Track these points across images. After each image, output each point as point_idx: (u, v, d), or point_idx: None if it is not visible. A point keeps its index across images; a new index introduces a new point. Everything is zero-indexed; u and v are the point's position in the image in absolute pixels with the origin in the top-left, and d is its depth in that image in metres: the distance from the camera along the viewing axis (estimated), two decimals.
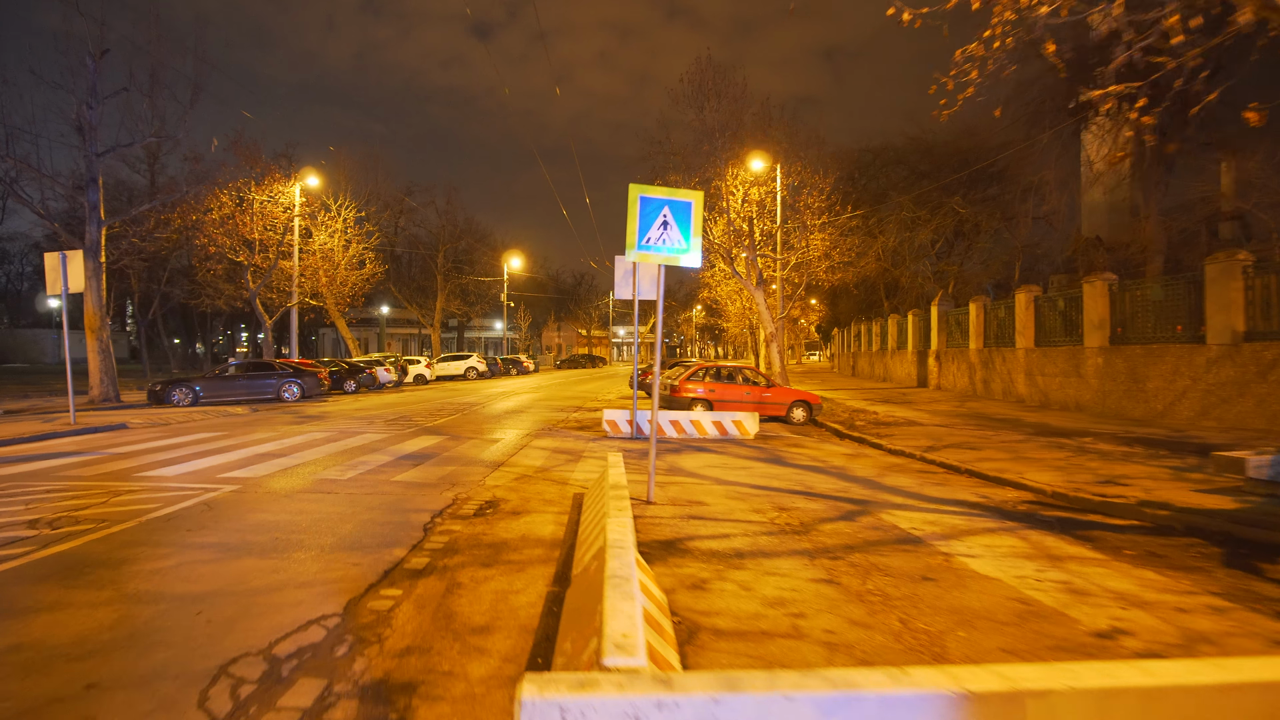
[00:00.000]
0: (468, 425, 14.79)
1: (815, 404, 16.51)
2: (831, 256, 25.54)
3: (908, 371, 30.70)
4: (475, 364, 41.61)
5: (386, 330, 70.16)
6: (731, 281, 42.93)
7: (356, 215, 34.04)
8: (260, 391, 22.23)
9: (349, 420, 15.54)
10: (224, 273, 31.61)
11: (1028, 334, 20.14)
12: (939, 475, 9.66)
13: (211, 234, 27.47)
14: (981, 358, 23.12)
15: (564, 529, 6.18)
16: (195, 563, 4.84)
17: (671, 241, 7.30)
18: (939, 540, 6.14)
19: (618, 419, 13.17)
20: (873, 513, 7.20)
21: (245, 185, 28.51)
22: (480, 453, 10.71)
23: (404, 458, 9.95)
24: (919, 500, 7.91)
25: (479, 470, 9.03)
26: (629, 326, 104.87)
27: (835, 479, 9.13)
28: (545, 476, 8.72)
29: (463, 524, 6.16)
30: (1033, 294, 20.13)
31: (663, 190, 7.30)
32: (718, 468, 9.81)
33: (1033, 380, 19.75)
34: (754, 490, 8.16)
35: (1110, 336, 16.68)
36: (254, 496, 7.08)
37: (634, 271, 12.85)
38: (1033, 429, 13.78)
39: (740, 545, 5.79)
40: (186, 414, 16.79)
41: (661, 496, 7.60)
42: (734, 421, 13.36)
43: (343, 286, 32.34)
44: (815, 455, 11.34)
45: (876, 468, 10.18)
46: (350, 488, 7.62)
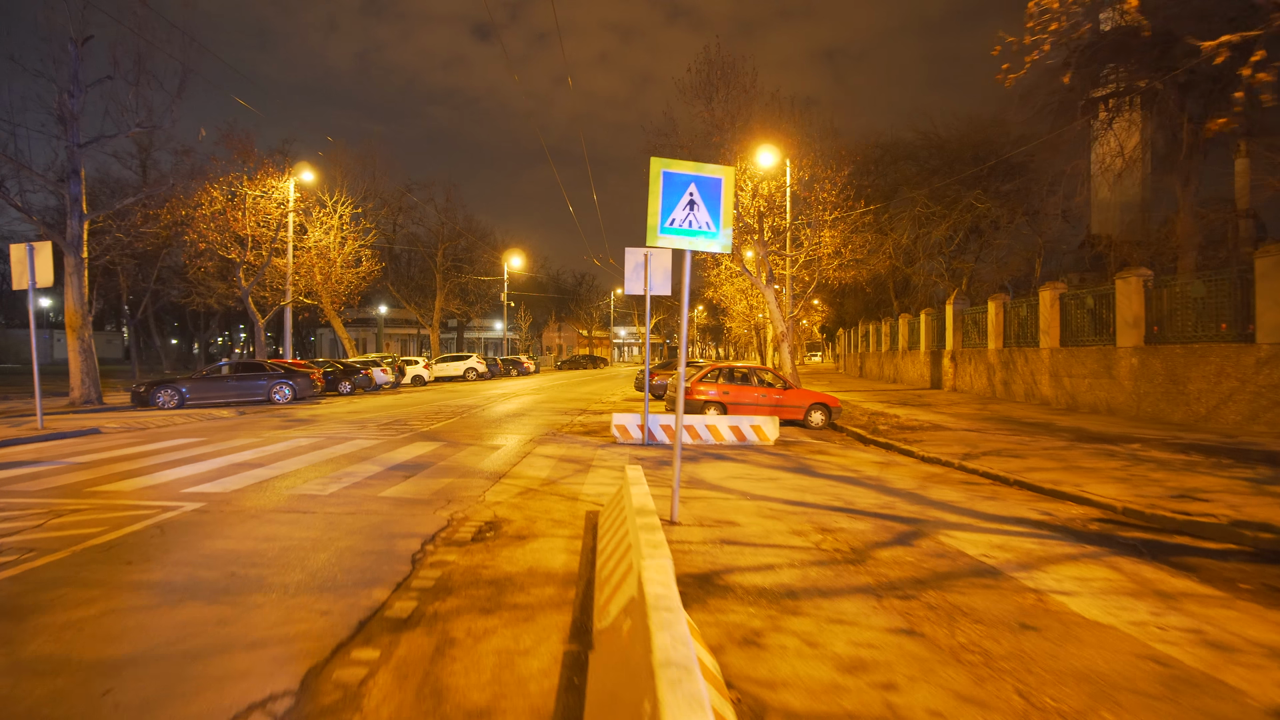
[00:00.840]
0: (466, 430, 13.86)
1: (834, 407, 15.58)
2: (842, 254, 24.62)
3: (920, 373, 29.77)
4: (475, 365, 40.67)
5: (385, 330, 69.21)
6: (738, 280, 42.05)
7: (353, 212, 33.12)
8: (250, 393, 21.28)
9: (340, 424, 14.60)
10: (215, 270, 30.68)
11: (1053, 333, 19.21)
12: (986, 487, 8.73)
13: (202, 230, 26.54)
14: (1001, 358, 22.19)
15: (578, 558, 5.25)
16: (125, 610, 3.90)
17: (699, 223, 6.38)
18: (1019, 571, 5.22)
19: (628, 424, 12.23)
20: (929, 534, 6.28)
21: (237, 180, 27.59)
22: (479, 462, 9.77)
23: (395, 468, 9.01)
24: (976, 518, 6.99)
25: (478, 483, 8.09)
26: (630, 327, 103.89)
27: (874, 492, 8.20)
28: (552, 490, 7.78)
29: (459, 552, 5.23)
30: (1058, 291, 19.21)
31: (689, 165, 6.37)
32: (742, 479, 8.88)
33: (1058, 381, 18.82)
34: (788, 507, 7.22)
35: (1145, 335, 15.76)
36: (217, 517, 6.14)
37: (646, 264, 11.93)
38: (1071, 434, 12.86)
39: (789, 580, 4.86)
40: (168, 417, 15.85)
41: (686, 515, 6.67)
42: (753, 427, 12.43)
43: (338, 285, 31.41)
44: (844, 464, 10.41)
45: (915, 478, 9.25)
46: (331, 505, 6.68)
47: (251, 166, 28.05)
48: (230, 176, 27.25)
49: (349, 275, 31.94)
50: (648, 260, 11.90)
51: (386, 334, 71.96)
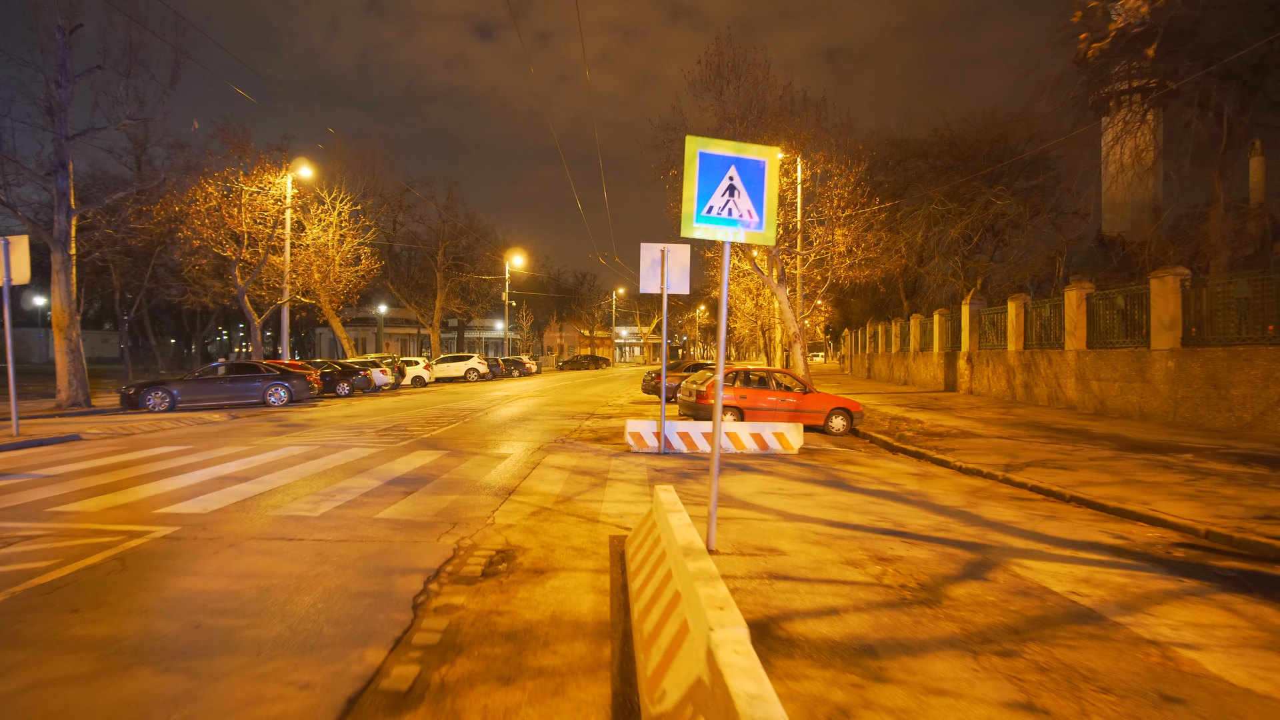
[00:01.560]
0: (469, 436, 13.09)
1: (856, 412, 14.82)
2: (854, 252, 23.87)
3: (933, 375, 29.00)
4: (476, 365, 39.92)
5: (384, 330, 68.45)
6: (745, 280, 41.29)
7: (352, 209, 32.34)
8: (244, 395, 20.52)
9: (336, 430, 13.83)
10: (211, 269, 29.92)
11: (1079, 335, 18.44)
12: (1041, 504, 7.97)
13: (196, 227, 25.76)
14: (1022, 360, 21.42)
15: (608, 599, 4.48)
16: (55, 683, 3.13)
17: (739, 212, 5.62)
18: (1123, 615, 4.45)
19: (642, 431, 11.47)
20: (999, 564, 5.52)
21: (233, 175, 26.81)
22: (485, 474, 9.00)
23: (394, 482, 8.24)
24: (1044, 543, 6.23)
25: (485, 501, 7.32)
26: (631, 327, 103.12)
27: (922, 511, 7.43)
28: (568, 510, 7.01)
29: (468, 593, 4.46)
30: (1085, 291, 18.44)
31: (729, 145, 5.61)
32: (773, 494, 8.11)
33: (1085, 385, 18.05)
34: (833, 530, 6.46)
35: (1183, 337, 14.99)
36: (189, 546, 5.38)
37: (663, 261, 11.17)
38: (1113, 442, 12.09)
39: (862, 629, 4.09)
40: (156, 422, 15.10)
41: (724, 541, 5.90)
42: (775, 434, 11.66)
43: (337, 284, 30.64)
44: (878, 476, 9.65)
45: (959, 493, 8.49)
46: (321, 531, 5.91)
47: (248, 162, 27.26)
48: (225, 172, 26.48)
49: (347, 274, 31.18)
50: (665, 257, 11.14)
51: (386, 334, 71.19)
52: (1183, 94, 15.34)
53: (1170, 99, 16.06)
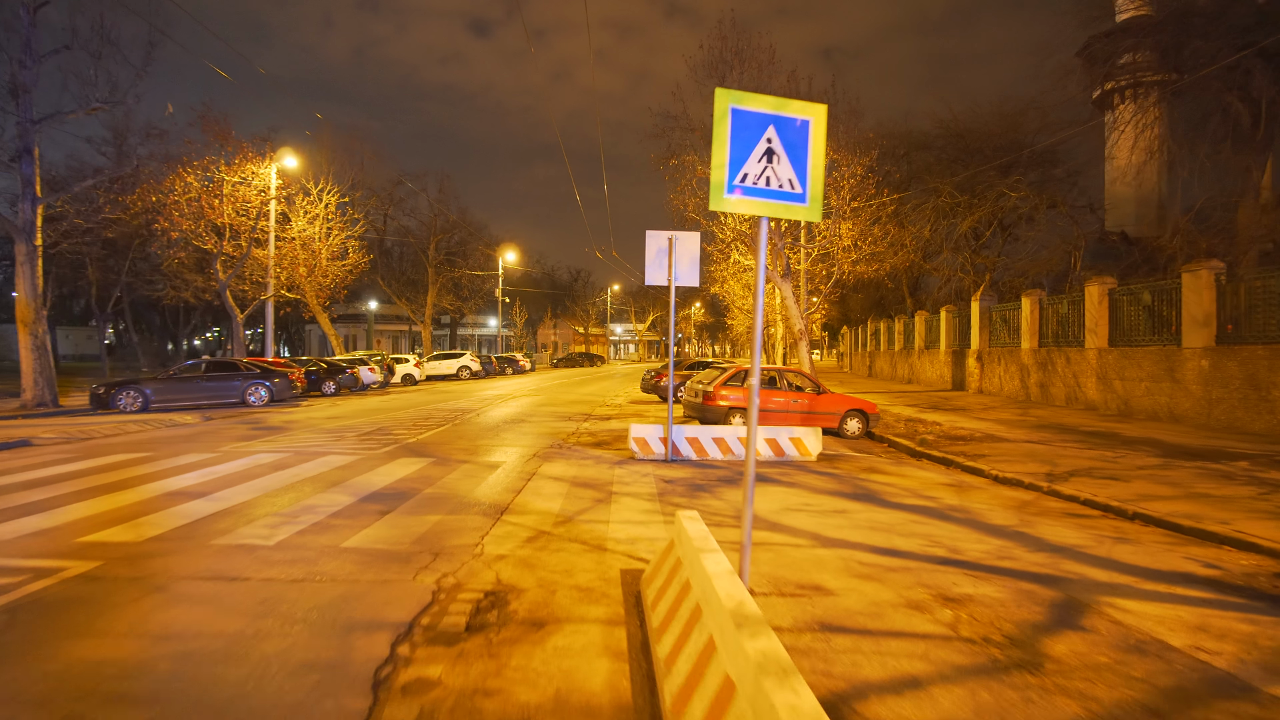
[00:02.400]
0: (459, 441, 12.10)
1: (873, 414, 13.90)
2: (860, 246, 22.95)
3: (940, 373, 28.14)
4: (468, 363, 38.86)
5: (375, 327, 67.22)
6: (745, 275, 40.33)
7: (339, 201, 31.20)
8: (222, 395, 19.46)
9: (315, 433, 12.82)
10: (191, 262, 28.78)
11: (1101, 332, 17.57)
12: (1103, 522, 7.05)
13: (175, 218, 24.61)
14: (1037, 359, 20.56)
15: (626, 667, 3.52)
16: None
17: (779, 181, 4.65)
18: (1275, 684, 3.53)
19: (647, 436, 10.49)
20: (1089, 605, 4.59)
21: (214, 165, 25.66)
22: (475, 488, 8.02)
23: (370, 498, 7.25)
24: (1128, 575, 5.31)
25: (474, 523, 6.34)
26: (626, 324, 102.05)
27: (972, 531, 6.50)
28: (569, 533, 6.04)
29: (447, 659, 3.49)
30: (1107, 286, 17.57)
31: (767, 100, 4.64)
32: (801, 511, 7.16)
33: (1108, 385, 17.19)
34: (881, 560, 5.51)
35: (1217, 335, 14.13)
36: (107, 590, 4.38)
37: (670, 249, 10.19)
38: (1154, 448, 11.20)
39: (957, 711, 3.15)
40: (122, 424, 14.04)
41: (757, 577, 4.95)
42: (792, 440, 10.72)
43: (323, 278, 29.51)
44: (910, 487, 8.72)
45: (1006, 508, 7.57)
46: (273, 566, 4.91)
47: (229, 151, 26.09)
48: (205, 161, 25.33)
49: (334, 268, 30.06)
50: (672, 245, 10.17)
51: (377, 330, 69.96)
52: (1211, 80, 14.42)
53: (1196, 86, 15.17)
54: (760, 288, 4.65)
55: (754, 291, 4.96)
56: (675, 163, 22.25)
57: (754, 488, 4.36)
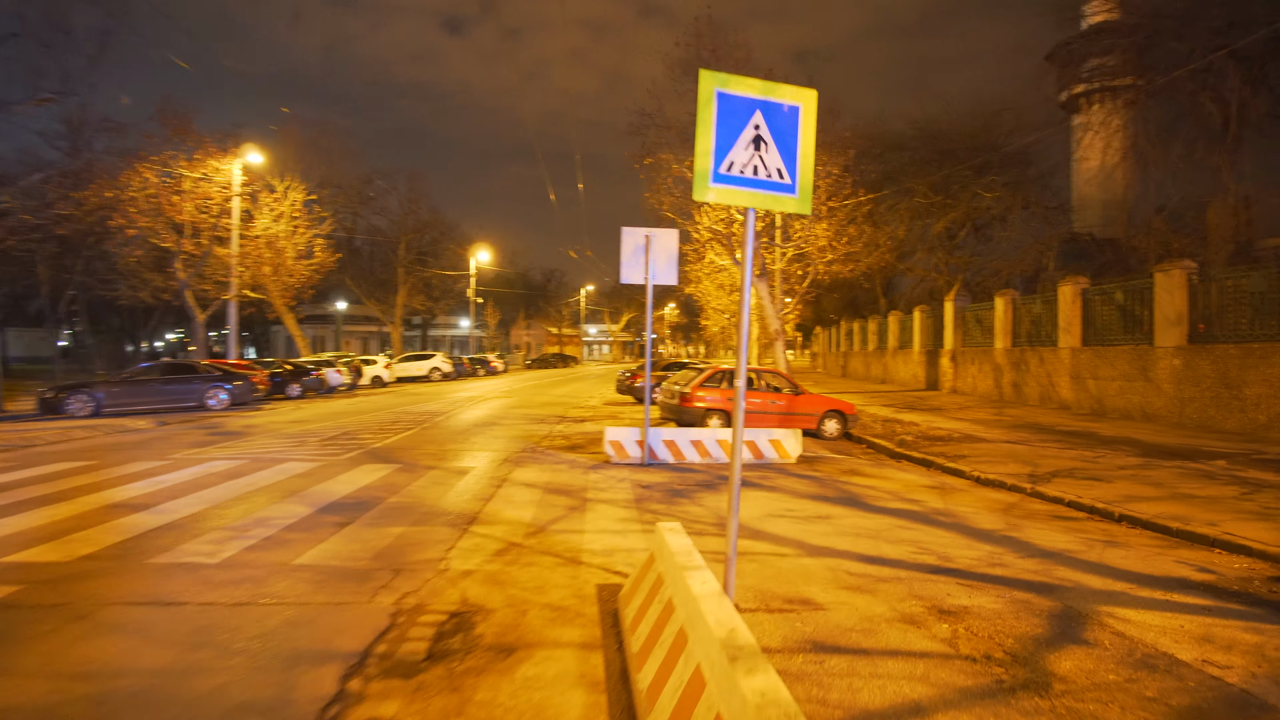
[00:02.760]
0: (427, 445, 11.65)
1: (851, 414, 13.73)
2: (835, 247, 22.90)
3: (913, 373, 28.24)
4: (440, 364, 38.16)
5: (344, 328, 65.94)
6: (720, 275, 40.22)
7: (306, 199, 30.34)
8: (179, 398, 18.70)
9: (275, 438, 12.27)
10: (150, 261, 27.73)
11: (1074, 331, 17.66)
12: (1090, 525, 6.90)
13: (131, 215, 23.69)
14: (1011, 358, 20.64)
15: (603, 699, 3.19)
16: None
17: (767, 171, 4.36)
18: None
19: (623, 440, 10.16)
20: (1089, 615, 4.38)
21: (174, 159, 24.77)
22: (442, 496, 7.62)
23: (329, 508, 6.82)
24: (1122, 580, 5.13)
25: (439, 534, 5.96)
26: (600, 325, 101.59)
27: (961, 536, 6.28)
28: (542, 545, 5.69)
29: (404, 694, 3.13)
30: (1080, 286, 17.67)
31: (754, 84, 4.34)
32: (784, 517, 6.89)
33: (1081, 384, 17.27)
34: (871, 569, 5.26)
35: (1190, 334, 14.22)
36: (22, 620, 3.93)
37: (647, 247, 9.88)
38: (1133, 448, 11.16)
39: None
40: (68, 430, 13.33)
41: (744, 591, 4.65)
42: (771, 442, 10.47)
43: (289, 278, 28.68)
44: (893, 490, 8.51)
45: (992, 512, 7.39)
46: (216, 588, 4.49)
47: (190, 146, 25.21)
48: (164, 156, 24.44)
49: (300, 267, 29.23)
50: (649, 243, 9.86)
51: (346, 332, 68.65)
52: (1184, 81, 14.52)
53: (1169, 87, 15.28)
54: (747, 284, 4.35)
55: (739, 287, 4.69)
56: (651, 161, 21.95)
57: (739, 495, 4.06)
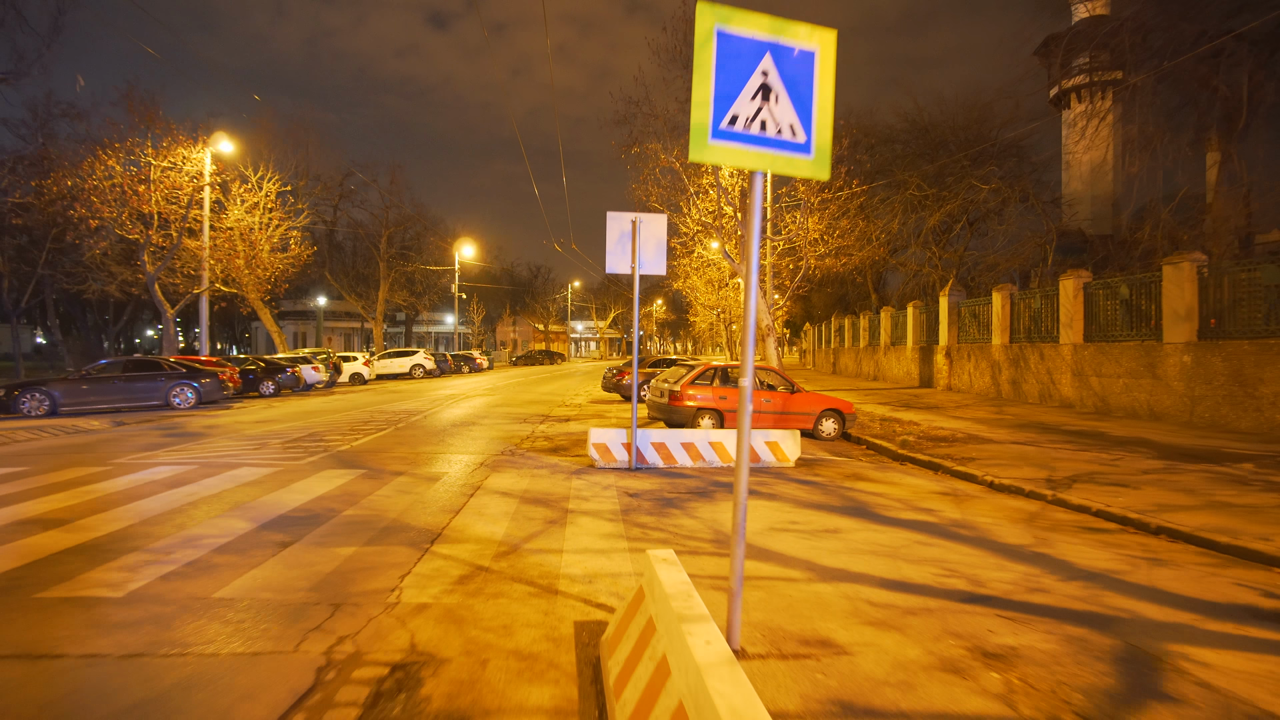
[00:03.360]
0: (398, 448, 10.84)
1: (849, 413, 13.05)
2: (828, 240, 22.26)
3: (906, 370, 27.65)
4: (422, 361, 37.19)
5: (325, 324, 64.69)
6: (709, 270, 39.57)
7: (281, 189, 29.28)
8: (142, 397, 17.74)
9: (236, 440, 11.41)
10: (117, 253, 26.65)
11: (1076, 327, 17.08)
12: (1126, 538, 6.22)
13: (94, 205, 22.62)
14: (1009, 355, 20.06)
15: None
16: None
17: (778, 124, 3.62)
18: None
19: (609, 442, 9.39)
20: (1160, 657, 3.68)
21: (139, 147, 23.70)
22: (406, 507, 6.83)
23: (273, 524, 6.01)
24: (1182, 609, 4.44)
25: (396, 557, 5.17)
26: (588, 321, 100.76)
27: (988, 554, 5.58)
28: (514, 570, 4.92)
29: None
30: (1082, 280, 17.08)
31: (761, 22, 3.60)
32: (788, 531, 6.17)
33: (1084, 381, 16.69)
34: (894, 597, 4.53)
35: (1200, 329, 13.65)
36: None
37: (634, 233, 9.11)
38: (1149, 450, 10.54)
39: None
40: (11, 432, 12.40)
41: (750, 628, 3.90)
42: (768, 444, 9.75)
43: (262, 270, 27.64)
44: (902, 497, 7.81)
45: (1013, 522, 6.70)
46: (108, 632, 3.69)
47: (157, 133, 24.13)
48: (129, 143, 23.37)
49: (275, 260, 28.20)
50: (636, 229, 9.09)
51: (328, 328, 67.40)
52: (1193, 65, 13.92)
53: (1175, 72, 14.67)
54: (754, 261, 3.62)
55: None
56: (638, 150, 21.18)
57: (745, 516, 3.32)
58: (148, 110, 24.10)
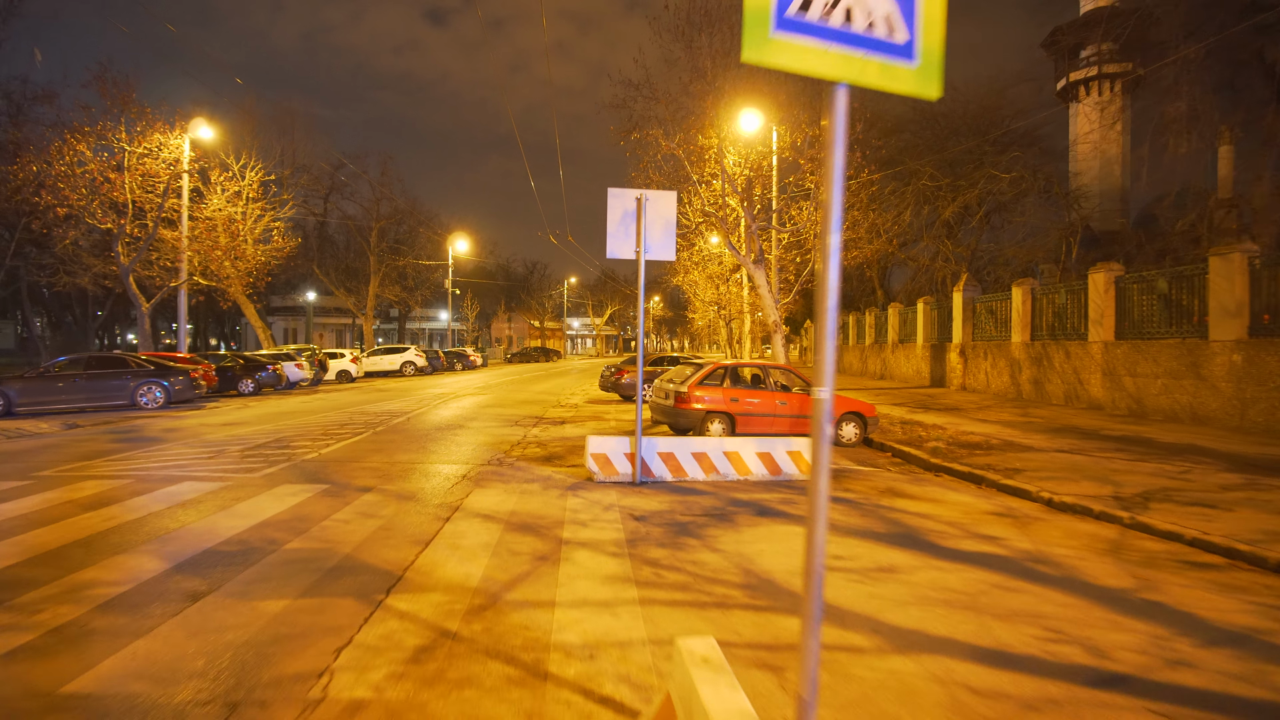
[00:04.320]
0: (372, 457, 9.65)
1: (870, 417, 11.90)
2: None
3: (916, 369, 26.52)
4: (413, 358, 35.94)
5: (316, 320, 63.30)
6: (709, 265, 38.42)
7: (265, 178, 27.99)
8: (106, 396, 16.52)
9: (192, 447, 10.21)
10: (89, 244, 25.37)
11: (1107, 324, 15.96)
12: (1245, 577, 5.08)
13: (62, 192, 21.34)
14: (1030, 353, 18.94)
15: None
16: None
17: (869, 14, 2.43)
18: None
19: (610, 452, 8.21)
20: None
21: (113, 133, 22.41)
22: (365, 536, 5.65)
23: (192, 563, 4.82)
24: None
25: (336, 616, 3.98)
26: (584, 318, 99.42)
27: (1090, 604, 4.42)
28: (489, 637, 3.74)
29: None
30: (1114, 273, 15.97)
31: None
32: (835, 571, 4.99)
33: (1116, 382, 15.57)
34: (996, 677, 3.36)
35: (1251, 326, 12.53)
36: None
37: (639, 211, 7.93)
38: (1214, 460, 9.39)
39: None
40: None
41: None
42: (789, 454, 8.57)
43: (241, 262, 26.37)
44: (951, 518, 6.65)
45: (1098, 554, 5.56)
46: None
47: (132, 116, 22.81)
48: (100, 127, 22.08)
49: (256, 251, 26.94)
50: (642, 207, 7.91)
51: (320, 324, 66.03)
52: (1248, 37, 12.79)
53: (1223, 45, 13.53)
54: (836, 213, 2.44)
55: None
56: (637, 136, 19.95)
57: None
58: (121, 92, 22.80)
